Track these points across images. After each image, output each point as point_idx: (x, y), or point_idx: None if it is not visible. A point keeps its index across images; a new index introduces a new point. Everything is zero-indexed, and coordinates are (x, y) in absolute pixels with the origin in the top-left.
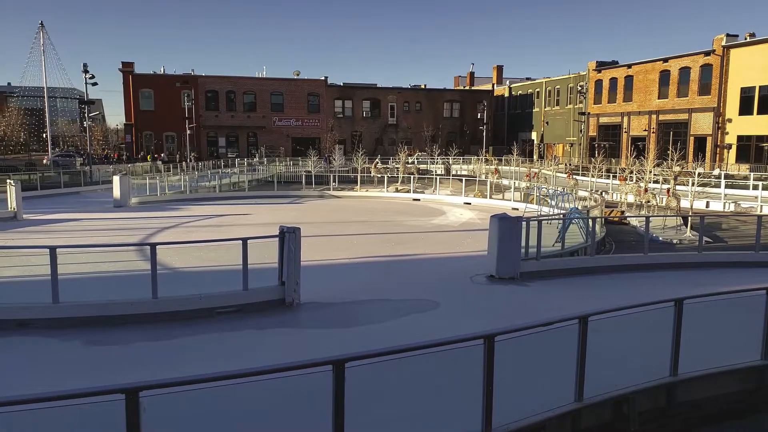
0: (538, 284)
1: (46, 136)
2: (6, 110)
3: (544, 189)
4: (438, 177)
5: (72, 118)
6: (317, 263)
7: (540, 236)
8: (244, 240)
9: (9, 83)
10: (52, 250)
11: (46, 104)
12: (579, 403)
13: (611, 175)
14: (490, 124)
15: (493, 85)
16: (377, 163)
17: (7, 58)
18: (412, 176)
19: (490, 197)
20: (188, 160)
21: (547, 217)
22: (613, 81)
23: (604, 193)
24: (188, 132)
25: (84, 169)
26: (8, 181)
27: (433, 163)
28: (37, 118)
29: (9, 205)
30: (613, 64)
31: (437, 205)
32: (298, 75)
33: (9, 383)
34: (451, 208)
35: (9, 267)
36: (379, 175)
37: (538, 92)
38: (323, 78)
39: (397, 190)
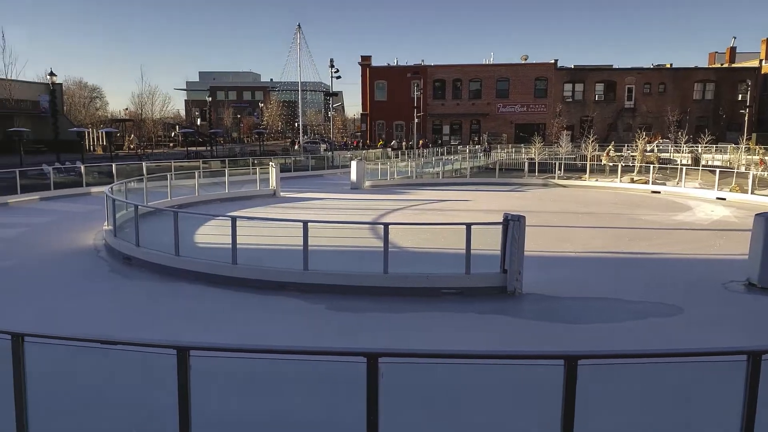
0: None
1: (298, 125)
2: (269, 103)
3: None
4: (684, 167)
5: (318, 109)
6: (540, 254)
7: None
8: (468, 225)
9: (271, 79)
10: (305, 224)
11: (299, 98)
12: None
13: None
14: (755, 107)
15: (760, 61)
16: (610, 150)
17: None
18: (651, 166)
19: (752, 193)
20: (417, 147)
21: None
22: None
23: None
24: (416, 120)
25: (327, 154)
26: (270, 164)
27: (677, 152)
28: (291, 109)
29: (270, 184)
30: None
31: (682, 199)
32: (525, 59)
33: (267, 334)
34: (699, 204)
35: (272, 236)
36: (611, 164)
37: None
38: (552, 61)
39: (632, 181)
